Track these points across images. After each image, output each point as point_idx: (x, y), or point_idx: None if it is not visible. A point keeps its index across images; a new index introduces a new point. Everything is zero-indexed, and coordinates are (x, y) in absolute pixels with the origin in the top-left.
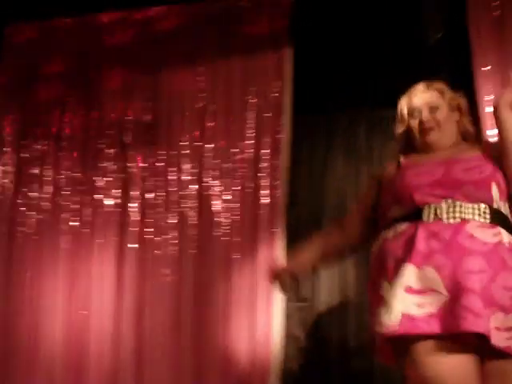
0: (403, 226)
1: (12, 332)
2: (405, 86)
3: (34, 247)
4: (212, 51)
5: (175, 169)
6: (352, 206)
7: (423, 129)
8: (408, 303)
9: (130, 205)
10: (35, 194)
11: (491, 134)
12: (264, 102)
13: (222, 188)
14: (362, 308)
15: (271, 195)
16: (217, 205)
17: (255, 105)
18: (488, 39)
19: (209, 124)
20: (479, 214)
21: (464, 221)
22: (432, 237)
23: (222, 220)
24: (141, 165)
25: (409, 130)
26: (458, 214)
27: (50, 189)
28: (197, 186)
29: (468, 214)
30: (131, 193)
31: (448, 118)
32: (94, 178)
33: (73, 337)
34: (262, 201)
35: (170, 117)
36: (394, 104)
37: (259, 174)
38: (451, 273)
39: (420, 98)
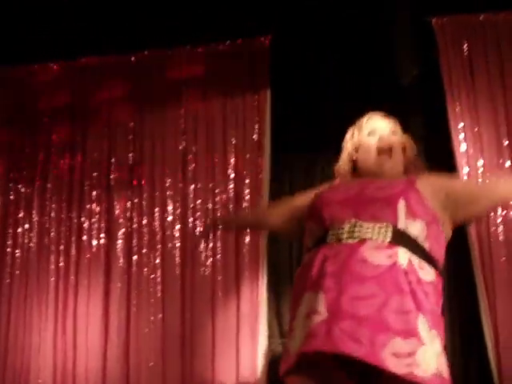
0: (311, 253)
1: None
2: None
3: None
4: (193, 93)
5: (158, 209)
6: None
7: (381, 148)
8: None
9: (115, 244)
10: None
11: (465, 171)
12: (244, 143)
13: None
14: None
15: (252, 234)
16: (200, 244)
17: (235, 146)
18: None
19: (191, 165)
20: (379, 233)
21: (362, 241)
22: (328, 259)
23: (206, 259)
24: (125, 205)
25: (360, 151)
26: (357, 234)
27: (35, 230)
28: (180, 226)
29: (367, 233)
30: (116, 233)
31: (399, 148)
32: (80, 220)
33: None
34: (243, 240)
35: (152, 158)
36: None
37: None
38: (336, 297)
39: (381, 121)
